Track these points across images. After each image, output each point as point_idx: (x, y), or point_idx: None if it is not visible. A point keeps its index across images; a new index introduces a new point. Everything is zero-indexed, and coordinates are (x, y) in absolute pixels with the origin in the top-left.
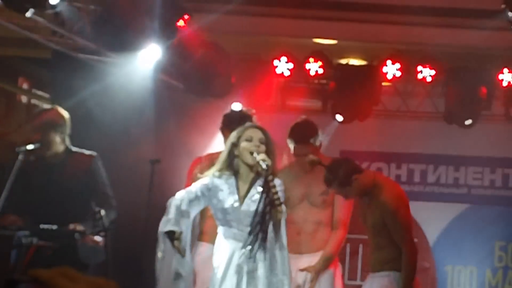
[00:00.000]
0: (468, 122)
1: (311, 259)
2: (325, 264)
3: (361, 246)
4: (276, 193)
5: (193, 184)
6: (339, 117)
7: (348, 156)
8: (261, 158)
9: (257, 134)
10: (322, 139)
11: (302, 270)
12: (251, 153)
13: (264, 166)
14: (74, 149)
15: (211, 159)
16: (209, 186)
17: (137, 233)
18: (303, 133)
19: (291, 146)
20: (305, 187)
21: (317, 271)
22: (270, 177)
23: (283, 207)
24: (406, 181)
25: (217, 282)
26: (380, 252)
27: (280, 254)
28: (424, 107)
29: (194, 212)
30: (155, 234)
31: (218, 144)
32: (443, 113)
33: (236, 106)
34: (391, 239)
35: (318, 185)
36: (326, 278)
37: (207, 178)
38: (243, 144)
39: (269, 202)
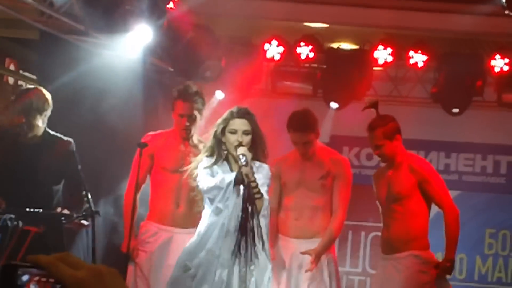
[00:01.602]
0: (455, 110)
1: (310, 245)
2: (326, 246)
3: (350, 232)
4: (256, 186)
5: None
6: (334, 104)
7: (338, 141)
8: (240, 152)
9: (242, 126)
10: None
11: (303, 253)
12: (236, 147)
13: (243, 161)
14: (52, 132)
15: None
16: (208, 173)
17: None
18: (301, 121)
19: (290, 134)
20: (303, 172)
21: (318, 254)
22: (247, 171)
23: (265, 197)
24: None
25: (205, 273)
26: (399, 227)
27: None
28: (416, 92)
29: None
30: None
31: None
32: (431, 98)
33: (220, 95)
34: (416, 209)
35: (317, 171)
36: (329, 263)
37: (200, 172)
38: (228, 136)
39: (248, 197)
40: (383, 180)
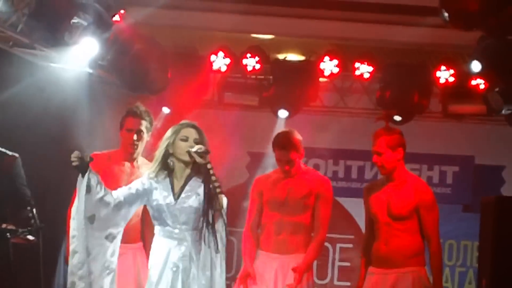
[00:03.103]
0: (397, 118)
1: (290, 260)
2: (310, 264)
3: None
4: (216, 180)
5: (131, 183)
6: (283, 113)
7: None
8: (196, 148)
9: (192, 134)
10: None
11: (293, 269)
12: (188, 152)
13: (201, 150)
14: None
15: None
16: (145, 186)
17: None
18: (286, 140)
19: (275, 152)
20: (286, 191)
21: (302, 271)
22: (209, 165)
23: (224, 198)
24: (343, 177)
25: (154, 281)
26: (400, 243)
27: (217, 251)
28: (362, 103)
29: (129, 206)
30: None
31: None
32: (374, 108)
33: (166, 110)
34: (416, 227)
35: (299, 189)
36: (308, 278)
37: (143, 178)
38: (179, 143)
39: (208, 191)
40: (380, 195)
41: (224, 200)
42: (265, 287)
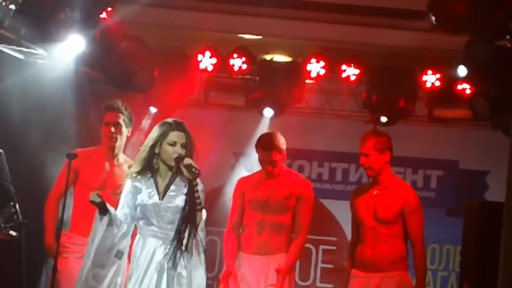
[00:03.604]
0: (383, 119)
1: (270, 260)
2: (292, 265)
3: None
4: (198, 197)
5: (121, 201)
6: (268, 112)
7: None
8: (188, 162)
9: (180, 139)
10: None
11: (276, 270)
12: (176, 159)
13: (197, 171)
14: None
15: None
16: (131, 192)
17: None
18: (269, 141)
19: (258, 153)
20: (268, 192)
21: (284, 273)
22: (196, 182)
23: (203, 212)
24: (328, 179)
25: (137, 280)
26: (385, 248)
27: (198, 257)
28: (348, 106)
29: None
30: None
31: (139, 137)
32: (360, 110)
33: (153, 110)
34: (400, 232)
35: (281, 190)
36: (290, 279)
37: (127, 183)
38: (166, 147)
39: (191, 206)
40: (366, 199)
41: (204, 214)
42: (247, 287)
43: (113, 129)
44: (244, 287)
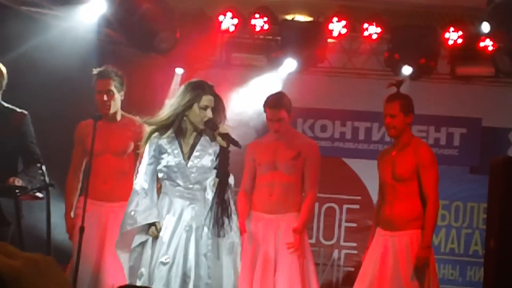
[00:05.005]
0: (407, 70)
1: (282, 219)
2: (306, 224)
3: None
4: (229, 165)
5: (143, 160)
6: (290, 71)
7: (292, 113)
8: (226, 131)
9: (211, 103)
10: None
11: (293, 230)
12: (206, 123)
13: (237, 143)
14: (6, 105)
15: None
16: (155, 153)
17: None
18: (276, 99)
19: (266, 112)
20: (276, 154)
21: (300, 231)
22: (229, 149)
23: (231, 177)
24: (350, 138)
25: (165, 241)
26: (402, 206)
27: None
28: (370, 65)
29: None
30: None
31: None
32: (382, 69)
33: (179, 71)
34: (417, 190)
35: (289, 152)
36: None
37: (151, 144)
38: (197, 110)
39: (224, 175)
40: (387, 159)
41: (232, 179)
42: (257, 245)
43: (105, 97)
44: (254, 243)
